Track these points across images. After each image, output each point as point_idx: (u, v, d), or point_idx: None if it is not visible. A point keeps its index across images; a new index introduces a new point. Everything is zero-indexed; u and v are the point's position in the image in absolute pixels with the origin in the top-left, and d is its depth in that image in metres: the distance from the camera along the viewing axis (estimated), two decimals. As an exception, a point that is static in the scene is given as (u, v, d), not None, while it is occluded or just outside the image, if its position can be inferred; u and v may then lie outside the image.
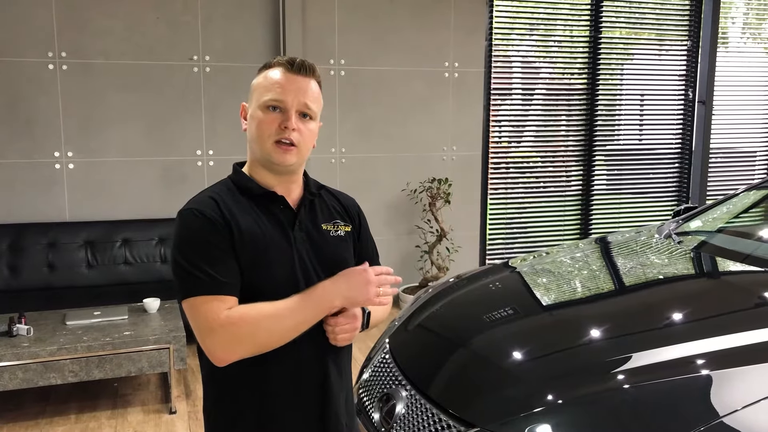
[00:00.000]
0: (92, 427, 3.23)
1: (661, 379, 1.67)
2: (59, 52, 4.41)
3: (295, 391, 1.42)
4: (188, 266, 1.30)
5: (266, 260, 1.36)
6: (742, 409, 1.50)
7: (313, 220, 1.48)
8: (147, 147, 4.66)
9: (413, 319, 2.46)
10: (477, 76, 5.41)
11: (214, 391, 1.45)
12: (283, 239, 1.41)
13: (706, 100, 6.28)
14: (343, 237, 1.50)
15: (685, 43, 6.29)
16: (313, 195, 1.50)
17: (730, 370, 1.66)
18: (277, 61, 1.42)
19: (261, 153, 1.40)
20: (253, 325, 1.29)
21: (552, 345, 2.04)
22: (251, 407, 1.41)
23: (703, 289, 2.37)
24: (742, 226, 3.15)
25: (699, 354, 1.75)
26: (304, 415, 1.44)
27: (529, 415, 1.68)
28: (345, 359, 1.53)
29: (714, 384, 1.62)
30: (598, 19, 5.85)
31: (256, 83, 1.43)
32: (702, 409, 1.54)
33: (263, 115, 1.38)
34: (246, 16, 4.77)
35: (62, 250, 4.38)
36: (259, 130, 1.38)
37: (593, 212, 6.14)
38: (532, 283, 2.64)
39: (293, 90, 1.38)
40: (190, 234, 1.33)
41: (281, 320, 1.31)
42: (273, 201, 1.43)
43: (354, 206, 1.60)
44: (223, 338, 1.28)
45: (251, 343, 1.31)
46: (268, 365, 1.37)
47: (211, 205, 1.36)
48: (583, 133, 6.02)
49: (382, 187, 5.24)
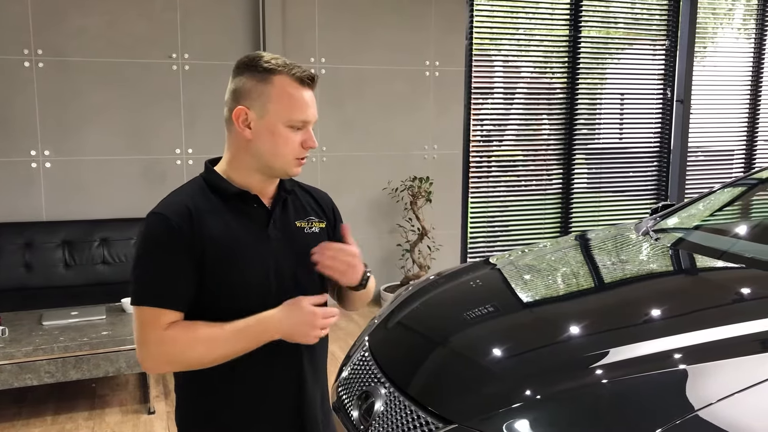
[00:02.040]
0: (69, 428, 3.19)
1: (637, 374, 1.69)
2: (35, 50, 4.35)
3: (268, 387, 1.41)
4: (141, 272, 1.33)
5: (237, 261, 1.35)
6: (717, 402, 1.51)
7: (287, 217, 1.47)
8: (125, 145, 4.61)
9: (393, 317, 2.46)
10: (457, 75, 5.42)
11: (186, 390, 1.44)
12: (256, 239, 1.40)
13: (684, 99, 6.35)
14: (318, 233, 1.50)
15: (663, 42, 6.35)
16: (287, 192, 1.49)
17: (706, 364, 1.67)
18: (291, 72, 1.37)
19: (276, 166, 1.39)
20: (183, 349, 1.31)
21: (530, 342, 2.05)
22: (224, 404, 1.40)
23: (679, 286, 2.39)
24: (719, 223, 3.19)
25: (675, 349, 1.77)
26: (279, 412, 1.43)
27: (507, 411, 1.69)
28: (320, 356, 1.52)
29: (689, 378, 1.64)
30: (577, 17, 5.89)
31: (274, 95, 1.36)
32: (677, 403, 1.55)
33: (290, 133, 1.37)
34: (225, 14, 4.74)
35: (39, 250, 4.31)
36: (282, 147, 1.37)
37: (573, 210, 6.19)
38: (512, 280, 2.65)
39: (312, 107, 1.39)
40: (150, 240, 1.34)
41: (214, 348, 1.32)
42: (246, 200, 1.42)
43: (328, 202, 1.59)
44: (151, 354, 1.31)
45: (180, 363, 1.35)
46: (241, 362, 1.36)
47: (181, 210, 1.35)
48: (563, 131, 6.06)
49: (364, 186, 5.24)
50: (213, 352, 1.32)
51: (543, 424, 1.66)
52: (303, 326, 1.33)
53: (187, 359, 1.32)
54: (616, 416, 1.60)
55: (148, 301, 1.31)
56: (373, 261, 5.24)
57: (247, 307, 1.34)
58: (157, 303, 1.31)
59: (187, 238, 1.33)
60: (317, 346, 1.48)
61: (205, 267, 1.34)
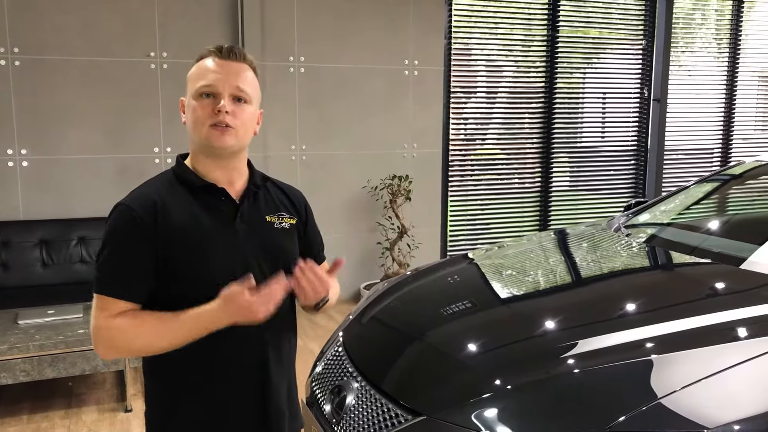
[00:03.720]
0: (45, 427, 3.18)
1: (604, 365, 1.73)
2: (11, 48, 4.32)
3: (230, 374, 1.43)
4: (101, 262, 1.36)
5: (202, 254, 1.37)
6: (679, 390, 1.57)
7: (257, 211, 1.48)
8: (103, 144, 4.60)
9: (367, 313, 2.49)
10: (436, 74, 5.46)
11: (151, 381, 1.47)
12: (223, 232, 1.41)
13: (661, 98, 6.44)
14: (287, 229, 1.51)
15: (640, 42, 6.43)
16: (257, 187, 1.51)
17: (670, 354, 1.72)
18: (208, 50, 1.44)
19: (199, 139, 1.41)
20: (130, 338, 1.34)
21: (499, 335, 2.09)
22: (187, 389, 1.42)
23: (648, 281, 2.44)
24: (690, 219, 3.25)
25: (641, 340, 1.82)
26: (243, 400, 1.45)
27: (474, 402, 1.72)
28: (286, 348, 1.53)
29: (654, 368, 1.69)
30: (555, 17, 5.94)
31: (189, 75, 1.44)
32: (642, 391, 1.60)
33: (197, 102, 1.40)
34: (204, 13, 4.74)
35: (16, 249, 4.28)
36: (195, 117, 1.40)
37: (552, 208, 6.25)
38: (479, 276, 2.70)
39: (224, 74, 1.40)
40: (113, 231, 1.37)
41: (160, 338, 1.35)
42: (213, 193, 1.44)
43: (301, 199, 1.61)
44: (99, 341, 1.35)
45: (128, 350, 1.41)
46: (204, 350, 1.38)
47: (146, 202, 1.38)
48: (541, 130, 6.11)
49: (343, 185, 5.25)
50: (158, 341, 1.35)
51: (511, 414, 1.69)
52: (243, 310, 1.32)
53: (135, 346, 1.37)
54: (582, 404, 1.64)
55: (103, 289, 1.35)
56: (353, 259, 5.26)
57: (215, 299, 1.35)
58: (112, 293, 1.34)
59: (149, 230, 1.35)
60: (282, 336, 1.50)
61: (172, 259, 1.36)
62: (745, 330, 1.87)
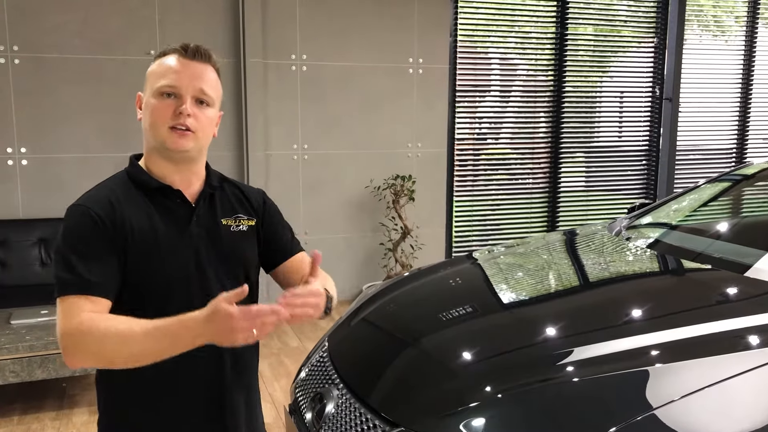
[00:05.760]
0: (35, 428, 3.15)
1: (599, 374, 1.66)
2: (11, 46, 4.30)
3: (182, 390, 1.37)
4: (62, 266, 1.27)
5: (156, 258, 1.31)
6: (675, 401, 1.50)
7: (213, 214, 1.42)
8: (103, 143, 4.57)
9: (354, 318, 2.42)
10: (442, 72, 5.37)
11: (103, 390, 1.42)
12: (177, 236, 1.35)
13: (673, 97, 6.30)
14: (245, 232, 1.44)
15: (652, 39, 6.30)
16: (213, 188, 1.44)
17: (667, 364, 1.65)
18: (171, 48, 1.38)
19: (156, 141, 1.36)
20: (99, 340, 1.22)
21: (487, 342, 2.01)
22: (137, 403, 1.36)
23: (648, 288, 2.34)
24: (697, 222, 3.15)
25: (638, 348, 1.75)
26: (197, 418, 1.38)
27: (454, 413, 1.65)
28: (247, 356, 1.46)
29: (650, 378, 1.62)
30: (564, 15, 5.83)
31: (150, 71, 1.38)
32: (636, 401, 1.53)
33: (157, 101, 1.34)
34: (205, 10, 4.69)
35: (14, 248, 4.27)
36: (153, 117, 1.34)
37: (560, 208, 6.14)
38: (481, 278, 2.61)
39: (188, 75, 1.34)
40: (71, 233, 1.30)
41: (130, 344, 1.21)
42: (168, 195, 1.38)
43: (258, 197, 1.53)
44: (68, 344, 1.24)
45: (97, 356, 1.25)
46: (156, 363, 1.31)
47: (102, 202, 1.32)
48: (550, 129, 6.01)
49: (346, 184, 5.19)
50: (129, 347, 1.22)
51: (495, 425, 1.62)
52: (226, 333, 1.18)
53: (104, 352, 1.23)
54: (572, 415, 1.57)
55: (70, 290, 1.25)
56: (356, 260, 5.20)
57: (170, 305, 1.28)
58: (80, 290, 1.25)
59: (109, 230, 1.29)
60: (244, 350, 1.42)
61: (127, 263, 1.30)
62: (747, 340, 1.78)
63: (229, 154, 4.84)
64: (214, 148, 5.29)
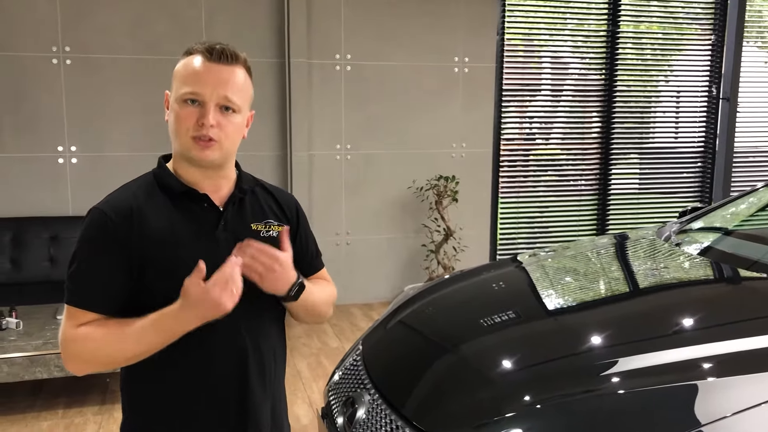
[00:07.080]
0: (78, 422, 3.20)
1: (644, 386, 1.58)
2: (63, 47, 4.41)
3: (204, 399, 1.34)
4: (71, 271, 1.28)
5: (178, 264, 1.26)
6: (725, 418, 1.40)
7: (242, 219, 1.38)
8: (150, 142, 4.63)
9: (390, 320, 2.37)
10: (488, 72, 5.28)
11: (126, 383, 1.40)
12: (202, 241, 1.32)
13: (731, 97, 6.05)
14: (276, 238, 1.38)
15: (709, 37, 6.06)
16: (243, 192, 1.40)
17: (717, 379, 1.57)
18: (196, 48, 1.32)
19: (180, 148, 1.33)
20: (95, 346, 1.26)
21: (529, 349, 1.93)
22: (161, 411, 1.34)
23: (699, 296, 2.21)
24: (754, 228, 2.98)
25: (686, 361, 1.65)
26: (220, 413, 1.35)
27: (488, 423, 1.59)
28: (269, 362, 1.41)
29: (699, 392, 1.52)
30: (616, 12, 5.66)
31: (176, 70, 1.34)
32: (682, 416, 1.45)
33: (180, 108, 1.30)
34: (250, 11, 4.72)
35: (64, 245, 4.37)
36: (177, 125, 1.30)
37: (611, 211, 5.96)
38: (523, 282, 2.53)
39: (212, 82, 1.28)
40: (85, 238, 1.30)
41: (125, 345, 1.26)
42: (194, 199, 1.34)
43: (292, 204, 1.49)
44: (67, 353, 1.28)
45: (95, 361, 1.31)
46: (181, 362, 1.30)
47: (122, 208, 1.30)
48: (600, 131, 5.84)
49: (388, 185, 5.14)
50: (124, 348, 1.26)
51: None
52: (208, 305, 1.21)
53: (101, 357, 1.28)
54: (616, 428, 1.48)
55: (72, 300, 1.28)
56: (398, 261, 5.15)
57: None
58: (79, 303, 1.27)
59: (122, 238, 1.27)
60: (264, 351, 1.39)
61: (147, 268, 1.28)
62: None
63: (273, 154, 4.86)
64: (258, 148, 5.27)
